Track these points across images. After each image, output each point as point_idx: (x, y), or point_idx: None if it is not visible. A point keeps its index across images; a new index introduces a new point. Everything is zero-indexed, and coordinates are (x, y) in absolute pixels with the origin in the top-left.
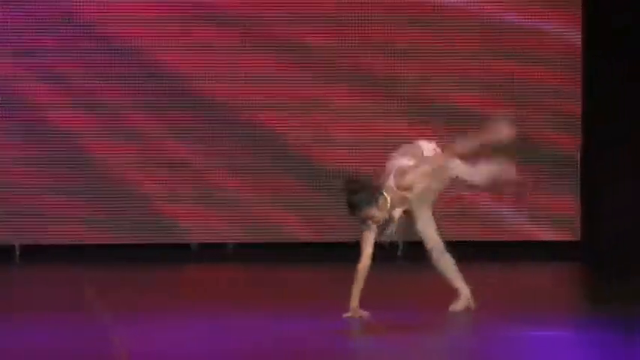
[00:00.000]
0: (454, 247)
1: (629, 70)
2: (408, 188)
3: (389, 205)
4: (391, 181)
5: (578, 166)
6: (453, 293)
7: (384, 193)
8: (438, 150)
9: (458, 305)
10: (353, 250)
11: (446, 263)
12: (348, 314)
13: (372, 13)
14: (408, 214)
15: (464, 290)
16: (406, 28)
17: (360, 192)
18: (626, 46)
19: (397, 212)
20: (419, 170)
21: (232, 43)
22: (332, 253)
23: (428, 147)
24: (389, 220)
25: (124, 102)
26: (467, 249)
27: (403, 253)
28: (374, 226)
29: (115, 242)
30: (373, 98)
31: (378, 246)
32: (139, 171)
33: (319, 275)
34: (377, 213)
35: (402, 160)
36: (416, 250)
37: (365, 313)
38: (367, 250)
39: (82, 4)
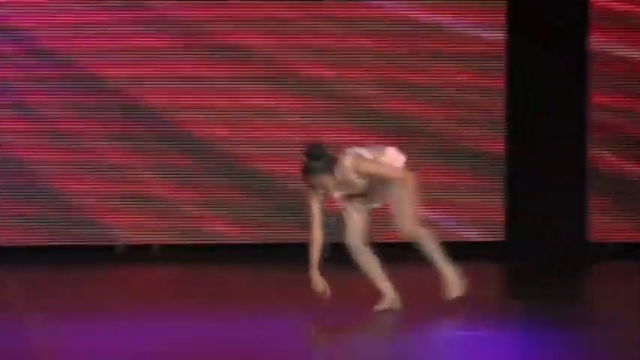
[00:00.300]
0: (381, 248)
1: (554, 69)
2: (361, 174)
3: (341, 179)
4: (347, 161)
5: (504, 165)
6: (378, 294)
7: (339, 167)
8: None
9: (381, 305)
10: (276, 250)
11: (367, 263)
12: (314, 286)
13: (300, 16)
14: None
15: (387, 291)
16: (334, 31)
17: (320, 159)
18: (551, 44)
19: (338, 194)
20: (375, 165)
21: (160, 46)
22: (258, 255)
23: (394, 156)
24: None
25: (51, 104)
26: (394, 250)
27: (329, 255)
28: (321, 195)
29: (41, 244)
30: (305, 101)
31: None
32: (65, 173)
33: (245, 276)
34: (330, 183)
35: (361, 150)
36: (341, 251)
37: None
38: (315, 223)
39: (9, 9)
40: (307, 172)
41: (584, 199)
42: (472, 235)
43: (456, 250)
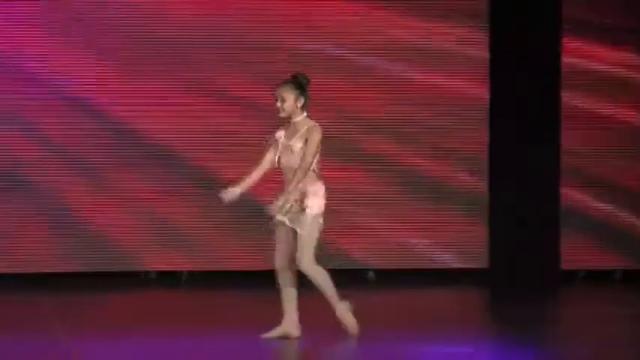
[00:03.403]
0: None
1: (531, 120)
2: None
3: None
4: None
5: (486, 195)
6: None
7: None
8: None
9: (271, 332)
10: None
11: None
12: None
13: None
14: None
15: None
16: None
17: None
18: (531, 95)
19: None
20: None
21: (172, 88)
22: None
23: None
24: None
25: (82, 143)
26: (385, 277)
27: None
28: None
29: (77, 271)
30: None
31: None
32: (97, 204)
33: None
34: None
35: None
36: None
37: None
38: None
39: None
40: None
41: (558, 231)
42: (457, 262)
43: (442, 276)
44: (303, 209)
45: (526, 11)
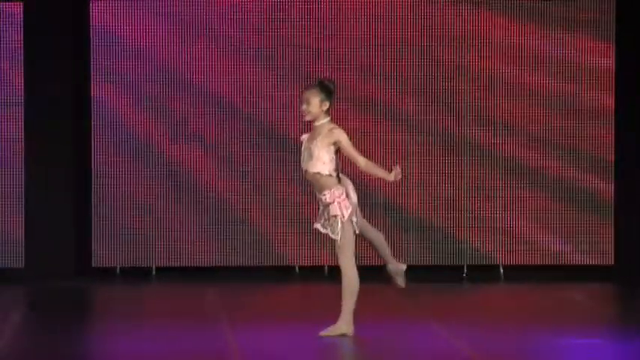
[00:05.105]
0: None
1: None
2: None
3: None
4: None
5: (612, 195)
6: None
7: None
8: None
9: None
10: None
11: None
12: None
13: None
14: None
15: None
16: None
17: None
18: None
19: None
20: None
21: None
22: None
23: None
24: None
25: (235, 145)
26: (513, 272)
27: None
28: None
29: (229, 264)
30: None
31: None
32: (255, 207)
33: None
34: None
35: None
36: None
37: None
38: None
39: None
40: None
41: None
42: (584, 259)
43: (568, 272)
44: (333, 216)
45: None
